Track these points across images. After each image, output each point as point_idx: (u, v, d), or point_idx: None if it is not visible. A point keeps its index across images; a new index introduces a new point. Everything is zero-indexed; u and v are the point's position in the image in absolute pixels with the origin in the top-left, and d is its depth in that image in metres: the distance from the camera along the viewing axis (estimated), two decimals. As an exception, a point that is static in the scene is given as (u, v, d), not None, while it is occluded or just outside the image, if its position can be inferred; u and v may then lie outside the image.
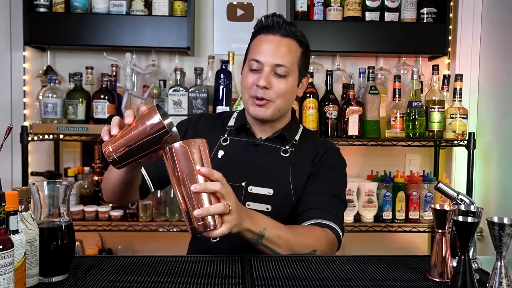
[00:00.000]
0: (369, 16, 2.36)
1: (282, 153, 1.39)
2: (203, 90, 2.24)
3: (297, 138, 1.43)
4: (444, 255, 1.01)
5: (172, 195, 2.26)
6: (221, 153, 1.38)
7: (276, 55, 1.31)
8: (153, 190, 1.41)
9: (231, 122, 1.45)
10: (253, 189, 1.34)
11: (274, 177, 1.36)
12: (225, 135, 1.41)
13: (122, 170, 1.12)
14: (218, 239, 1.17)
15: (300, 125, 1.51)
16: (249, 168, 1.36)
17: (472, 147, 2.24)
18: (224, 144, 1.40)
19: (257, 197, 1.34)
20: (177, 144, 0.97)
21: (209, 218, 0.98)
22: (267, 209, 1.34)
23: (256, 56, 1.32)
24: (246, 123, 1.42)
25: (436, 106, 2.24)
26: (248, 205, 1.34)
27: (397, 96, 2.30)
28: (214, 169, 1.02)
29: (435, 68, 2.25)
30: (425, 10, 2.37)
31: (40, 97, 2.25)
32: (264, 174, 1.36)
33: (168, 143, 0.99)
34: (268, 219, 1.20)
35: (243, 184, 1.34)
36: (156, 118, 0.98)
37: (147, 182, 1.39)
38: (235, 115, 1.48)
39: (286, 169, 1.37)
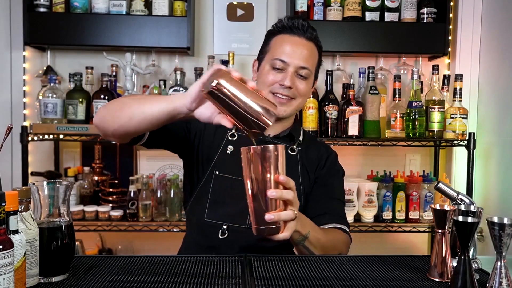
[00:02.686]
0: (369, 16, 2.36)
1: (290, 151, 1.42)
2: (203, 90, 2.23)
3: (301, 138, 1.47)
4: (444, 255, 1.01)
5: (172, 195, 2.26)
6: (230, 148, 1.39)
7: (301, 57, 1.35)
8: (143, 142, 1.32)
9: None
10: None
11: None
12: (232, 131, 1.41)
13: (172, 107, 1.07)
14: (226, 234, 1.32)
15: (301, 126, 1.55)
16: None
17: (472, 147, 2.24)
18: (231, 139, 1.40)
19: None
20: (259, 148, 0.97)
21: (278, 223, 1.00)
22: None
23: (281, 56, 1.35)
24: None
25: (436, 106, 2.24)
26: None
27: (397, 96, 2.30)
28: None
29: (435, 68, 2.25)
30: (425, 10, 2.37)
31: (40, 97, 2.25)
32: None
33: (253, 137, 1.00)
34: (310, 221, 1.23)
35: None
36: (270, 114, 0.99)
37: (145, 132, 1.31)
38: None
39: (294, 167, 1.40)
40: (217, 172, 1.37)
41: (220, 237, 1.35)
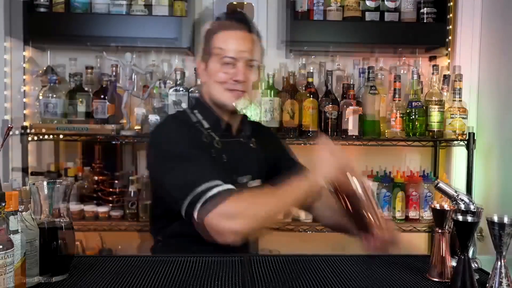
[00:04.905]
0: (369, 16, 2.35)
1: (252, 145, 1.51)
2: (203, 90, 2.24)
3: (247, 127, 1.55)
4: (443, 255, 1.01)
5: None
6: (224, 157, 1.39)
7: (248, 51, 1.40)
8: None
9: (207, 124, 1.43)
10: (252, 184, 1.42)
11: (255, 168, 1.46)
12: (216, 137, 1.41)
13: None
14: None
15: None
16: (242, 165, 1.44)
17: (472, 147, 2.24)
18: (218, 146, 1.40)
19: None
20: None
21: None
22: None
23: (229, 53, 1.38)
24: (221, 119, 1.45)
25: (436, 106, 2.24)
26: None
27: (397, 96, 2.30)
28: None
29: (435, 68, 2.25)
30: (425, 10, 2.36)
31: (40, 97, 2.25)
32: (250, 167, 1.45)
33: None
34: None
35: (245, 180, 1.42)
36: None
37: None
38: (199, 116, 1.45)
39: (258, 158, 1.49)
40: None
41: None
